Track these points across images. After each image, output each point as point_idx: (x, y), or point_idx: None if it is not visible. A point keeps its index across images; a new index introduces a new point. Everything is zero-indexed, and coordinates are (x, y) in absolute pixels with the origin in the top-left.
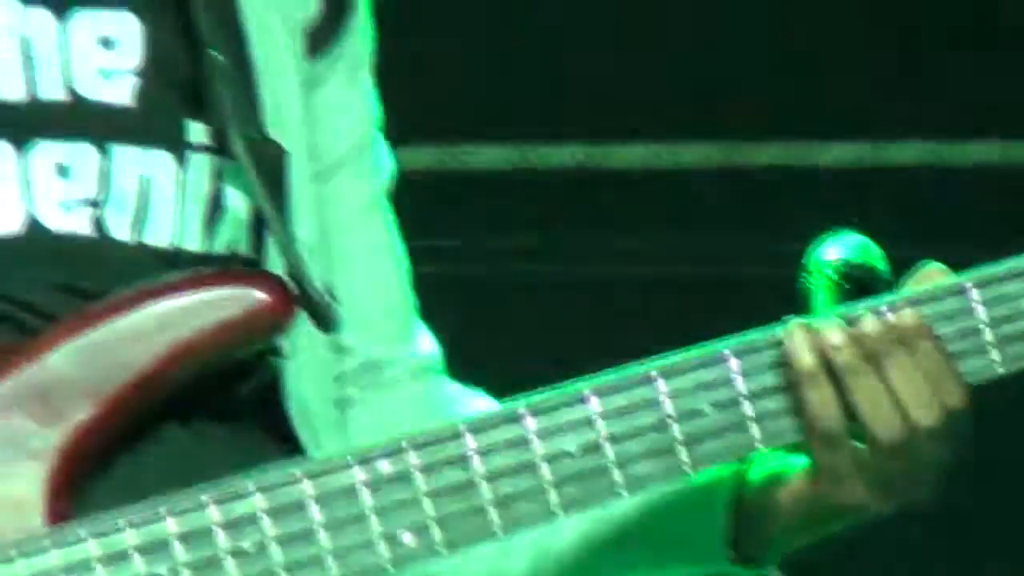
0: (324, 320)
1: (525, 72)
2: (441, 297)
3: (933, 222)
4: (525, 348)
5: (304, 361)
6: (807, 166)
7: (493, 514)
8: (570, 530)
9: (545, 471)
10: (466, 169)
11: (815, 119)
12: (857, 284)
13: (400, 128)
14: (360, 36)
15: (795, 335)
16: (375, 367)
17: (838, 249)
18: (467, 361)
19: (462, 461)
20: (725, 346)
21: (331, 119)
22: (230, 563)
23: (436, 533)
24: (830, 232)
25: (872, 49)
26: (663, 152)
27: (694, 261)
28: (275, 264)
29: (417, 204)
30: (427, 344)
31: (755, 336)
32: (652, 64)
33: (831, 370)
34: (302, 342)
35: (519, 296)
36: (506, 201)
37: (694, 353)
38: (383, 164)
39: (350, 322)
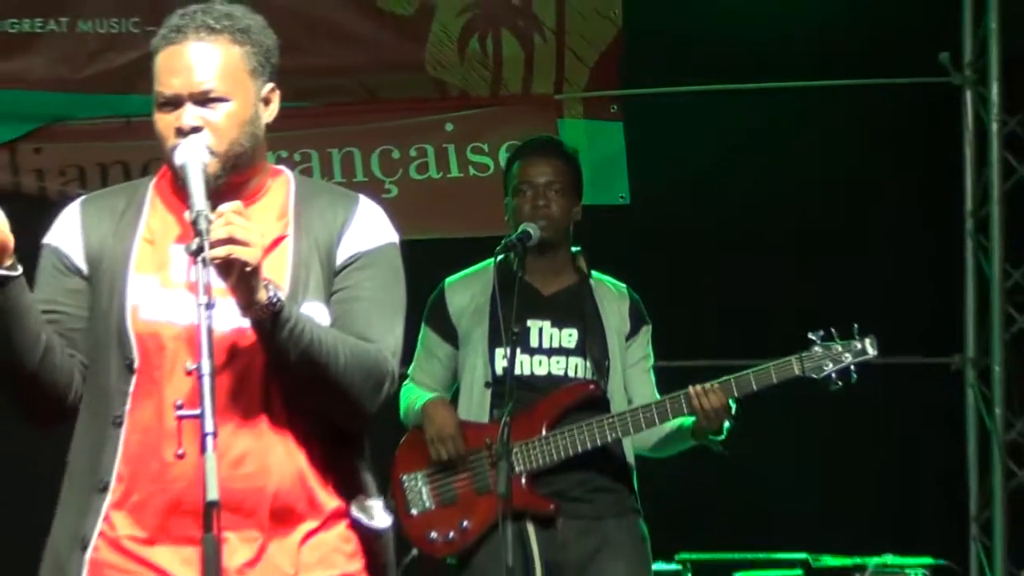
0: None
1: None
2: None
3: None
4: None
5: (617, 402)
6: None
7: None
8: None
9: None
10: None
11: None
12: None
13: None
14: (643, 333)
15: (691, 389)
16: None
17: None
18: None
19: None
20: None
21: (634, 352)
22: None
23: None
24: None
25: None
26: None
27: None
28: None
29: None
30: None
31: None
32: None
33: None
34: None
35: None
36: None
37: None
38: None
39: (633, 398)
